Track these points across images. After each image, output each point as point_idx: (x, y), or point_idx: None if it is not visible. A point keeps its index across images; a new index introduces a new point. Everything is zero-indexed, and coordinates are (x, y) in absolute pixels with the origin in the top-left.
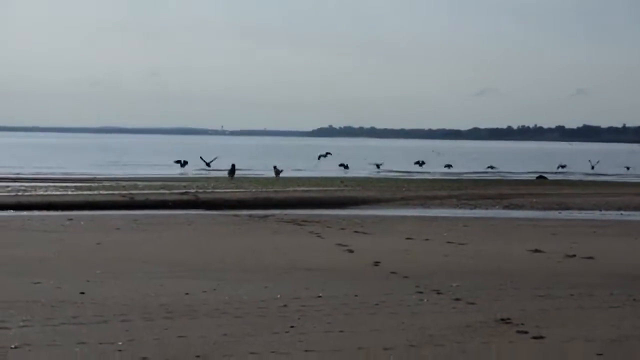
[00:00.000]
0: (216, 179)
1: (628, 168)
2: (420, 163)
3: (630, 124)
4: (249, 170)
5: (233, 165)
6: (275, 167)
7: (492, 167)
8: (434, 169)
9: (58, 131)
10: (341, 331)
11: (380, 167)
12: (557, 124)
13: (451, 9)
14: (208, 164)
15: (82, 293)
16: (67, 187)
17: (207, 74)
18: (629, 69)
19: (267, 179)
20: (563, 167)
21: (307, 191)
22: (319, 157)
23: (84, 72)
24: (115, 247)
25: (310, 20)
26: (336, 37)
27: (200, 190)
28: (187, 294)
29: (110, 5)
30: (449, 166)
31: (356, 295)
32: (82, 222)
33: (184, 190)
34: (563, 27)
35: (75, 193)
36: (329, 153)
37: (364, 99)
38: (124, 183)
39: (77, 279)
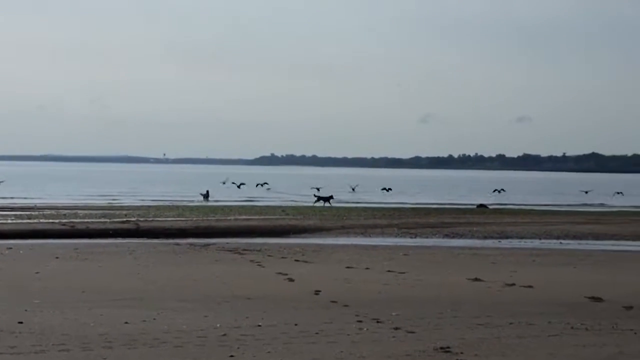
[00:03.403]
0: (157, 207)
1: (586, 192)
2: (388, 189)
3: (570, 153)
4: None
5: (207, 191)
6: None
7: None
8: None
9: None
10: None
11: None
12: (497, 153)
13: (393, 33)
14: None
15: (21, 322)
16: (6, 215)
17: (151, 99)
18: (570, 97)
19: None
20: (500, 191)
21: (248, 219)
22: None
23: (26, 98)
24: (55, 276)
25: (254, 45)
26: (277, 60)
27: (142, 219)
28: (126, 323)
29: (53, 28)
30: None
31: (296, 324)
32: (21, 251)
33: (125, 219)
34: (505, 55)
35: (15, 222)
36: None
37: (307, 126)
38: (64, 211)
39: (16, 308)
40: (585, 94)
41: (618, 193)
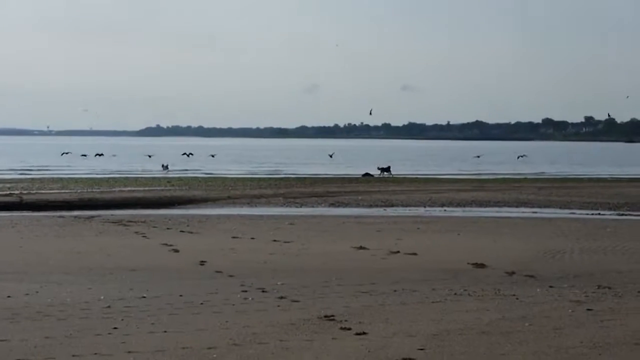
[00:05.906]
0: (41, 180)
1: (479, 156)
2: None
3: (454, 121)
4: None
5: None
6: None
7: None
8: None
9: None
10: (165, 331)
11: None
12: (383, 122)
13: (279, 4)
14: None
15: None
16: None
17: (34, 71)
18: (454, 66)
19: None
20: (331, 155)
21: (133, 191)
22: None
23: None
24: None
25: (141, 16)
26: (164, 33)
27: (25, 192)
28: (9, 297)
29: None
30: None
31: (181, 295)
32: None
33: (7, 192)
34: (388, 24)
35: None
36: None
37: (193, 97)
38: None
39: None
40: (468, 63)
41: (477, 157)
